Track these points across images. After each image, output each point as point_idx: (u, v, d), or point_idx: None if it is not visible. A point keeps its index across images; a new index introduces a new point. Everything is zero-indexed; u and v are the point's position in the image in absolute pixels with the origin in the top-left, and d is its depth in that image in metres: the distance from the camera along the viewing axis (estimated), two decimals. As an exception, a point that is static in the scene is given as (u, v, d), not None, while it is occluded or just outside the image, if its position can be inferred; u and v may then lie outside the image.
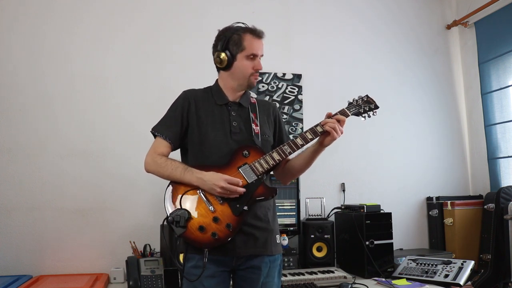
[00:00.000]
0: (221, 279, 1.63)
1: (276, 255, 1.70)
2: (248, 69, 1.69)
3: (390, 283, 2.34)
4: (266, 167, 1.62)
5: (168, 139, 1.70)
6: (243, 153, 1.64)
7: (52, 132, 2.59)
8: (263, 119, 1.78)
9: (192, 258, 1.62)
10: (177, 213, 1.56)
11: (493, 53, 3.19)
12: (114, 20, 2.77)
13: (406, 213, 3.20)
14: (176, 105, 1.76)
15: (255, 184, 1.61)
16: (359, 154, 3.13)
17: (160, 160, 1.66)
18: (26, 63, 2.60)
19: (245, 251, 1.62)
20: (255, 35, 1.69)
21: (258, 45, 1.70)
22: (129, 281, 2.24)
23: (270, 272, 1.67)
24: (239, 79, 1.72)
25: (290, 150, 1.64)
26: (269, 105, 1.86)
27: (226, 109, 1.74)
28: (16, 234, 2.48)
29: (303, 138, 1.65)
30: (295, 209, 2.69)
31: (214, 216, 1.58)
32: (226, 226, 1.57)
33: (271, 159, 1.63)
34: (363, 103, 1.74)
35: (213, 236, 1.56)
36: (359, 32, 3.27)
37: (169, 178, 1.65)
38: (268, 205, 1.71)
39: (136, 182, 2.64)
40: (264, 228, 1.66)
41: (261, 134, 1.72)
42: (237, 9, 3.00)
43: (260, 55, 1.71)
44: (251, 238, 1.63)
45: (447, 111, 3.43)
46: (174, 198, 1.62)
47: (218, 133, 1.69)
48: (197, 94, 1.77)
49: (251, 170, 1.62)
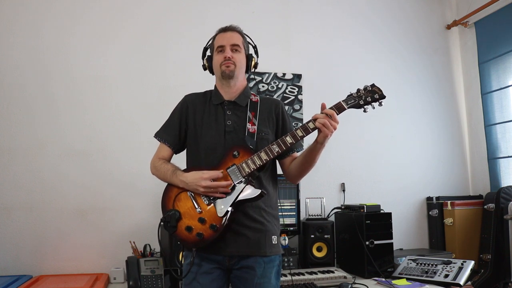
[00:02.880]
0: (216, 276, 1.65)
1: (272, 256, 1.67)
2: (218, 61, 1.74)
3: (390, 283, 2.34)
4: (253, 167, 1.60)
5: (167, 143, 1.78)
6: (233, 153, 1.64)
7: (52, 132, 2.59)
8: (263, 117, 1.76)
9: (188, 256, 1.68)
10: (169, 213, 1.63)
11: (493, 53, 3.19)
12: (114, 20, 2.77)
13: (406, 213, 3.20)
14: (175, 110, 1.82)
15: (240, 185, 1.60)
16: (359, 154, 3.13)
17: (157, 164, 1.75)
18: (26, 63, 2.60)
19: (236, 250, 1.63)
20: (221, 31, 1.78)
21: (223, 37, 1.76)
22: (129, 281, 2.25)
23: (265, 272, 1.64)
24: (217, 73, 1.77)
25: (279, 149, 1.61)
26: (272, 102, 1.83)
27: (222, 108, 1.75)
28: (16, 234, 2.48)
29: (293, 136, 1.62)
30: (295, 209, 2.69)
31: (200, 216, 1.61)
32: (210, 227, 1.59)
33: (258, 159, 1.61)
34: (365, 93, 1.62)
35: (198, 236, 1.60)
36: (359, 32, 3.27)
37: (164, 181, 1.73)
38: (264, 205, 1.69)
39: (136, 182, 2.64)
40: (256, 229, 1.65)
41: (258, 133, 1.70)
42: (237, 9, 3.00)
43: (229, 45, 1.73)
44: (242, 238, 1.63)
45: (447, 111, 3.43)
46: (168, 199, 1.68)
47: (213, 134, 1.71)
48: (196, 98, 1.82)
49: (238, 171, 1.61)
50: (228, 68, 1.72)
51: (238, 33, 1.79)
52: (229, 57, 1.71)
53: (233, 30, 1.78)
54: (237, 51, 1.75)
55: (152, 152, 1.81)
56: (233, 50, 1.74)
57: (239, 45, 1.75)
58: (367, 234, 2.54)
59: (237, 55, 1.75)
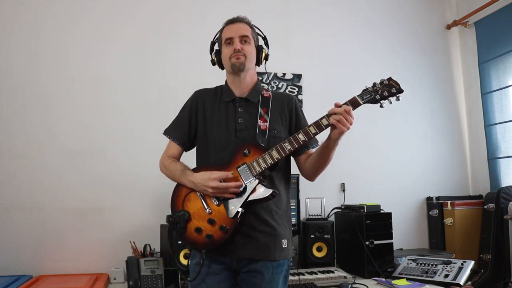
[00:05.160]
0: (223, 277, 1.61)
1: (281, 261, 1.62)
2: (227, 53, 1.68)
3: (390, 283, 2.34)
4: (264, 166, 1.54)
5: (176, 140, 1.73)
6: (243, 152, 1.58)
7: (52, 132, 2.59)
8: (275, 113, 1.69)
9: (195, 256, 1.65)
10: (178, 214, 1.59)
11: (493, 53, 3.19)
12: (114, 20, 2.77)
13: (406, 213, 3.20)
14: (185, 107, 1.76)
15: (251, 184, 1.55)
16: (359, 154, 3.13)
17: (166, 162, 1.70)
18: (25, 63, 2.59)
19: (245, 253, 1.58)
20: (229, 22, 1.73)
21: (231, 28, 1.70)
22: (129, 281, 2.24)
23: (273, 277, 1.59)
24: (227, 67, 1.72)
25: (291, 147, 1.55)
26: (284, 97, 1.76)
27: (233, 105, 1.70)
28: (16, 234, 2.48)
29: (306, 133, 1.56)
30: (295, 209, 2.68)
31: (209, 218, 1.56)
32: (220, 229, 1.55)
33: (269, 157, 1.54)
34: (382, 88, 1.56)
35: (208, 238, 1.55)
36: (359, 32, 3.27)
37: (173, 180, 1.68)
38: (276, 207, 1.63)
39: (136, 182, 2.64)
40: (267, 232, 1.60)
41: (270, 130, 1.64)
42: (237, 9, 2.96)
43: (238, 36, 1.67)
44: (252, 241, 1.58)
45: (447, 111, 3.43)
46: (178, 199, 1.63)
47: (223, 131, 1.66)
48: (206, 94, 1.76)
49: (248, 170, 1.55)
50: (238, 60, 1.65)
51: (246, 24, 1.73)
52: (238, 48, 1.65)
53: (241, 21, 1.72)
54: (246, 42, 1.69)
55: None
56: (242, 41, 1.68)
57: (248, 36, 1.69)
58: (367, 234, 2.54)
59: (247, 46, 1.68)
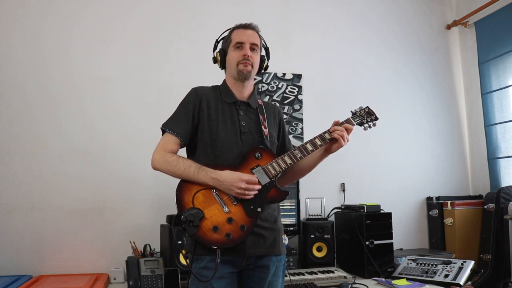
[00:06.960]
0: (230, 280, 1.62)
1: (282, 255, 1.72)
2: (235, 58, 1.70)
3: (390, 283, 2.34)
4: (279, 170, 1.62)
5: (179, 136, 1.66)
6: (255, 155, 1.63)
7: (52, 132, 2.59)
8: (270, 121, 1.78)
9: (201, 259, 1.59)
10: (191, 212, 1.53)
11: (493, 53, 3.19)
12: (114, 20, 2.77)
13: (406, 213, 3.20)
14: (187, 102, 1.71)
15: (268, 186, 1.61)
16: (359, 154, 3.13)
17: (171, 158, 1.61)
18: (26, 63, 2.59)
19: (255, 251, 1.63)
20: (242, 27, 1.74)
21: (243, 33, 1.71)
22: (129, 281, 2.24)
23: (276, 271, 1.68)
24: (231, 71, 1.73)
25: (301, 155, 1.66)
26: (275, 108, 1.87)
27: (235, 108, 1.73)
28: (16, 234, 2.48)
29: (313, 144, 1.67)
30: (295, 209, 2.68)
31: (228, 216, 1.56)
32: (240, 228, 1.56)
33: (283, 162, 1.63)
34: (365, 114, 1.79)
35: (227, 236, 1.55)
36: (359, 32, 3.27)
37: (180, 177, 1.61)
38: (274, 206, 1.72)
39: (136, 182, 2.64)
40: (271, 228, 1.68)
41: (269, 136, 1.73)
42: (237, 9, 3.00)
43: (249, 43, 1.70)
44: (260, 239, 1.64)
45: (447, 111, 3.43)
46: (187, 197, 1.58)
47: (228, 132, 1.67)
48: (207, 92, 1.75)
49: (264, 172, 1.61)
50: (246, 68, 1.69)
51: (257, 32, 1.76)
52: (249, 56, 1.68)
53: (254, 29, 1.75)
54: (255, 50, 1.72)
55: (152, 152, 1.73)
56: (252, 49, 1.71)
57: (257, 45, 1.73)
58: (367, 234, 2.54)
59: (255, 55, 1.72)
